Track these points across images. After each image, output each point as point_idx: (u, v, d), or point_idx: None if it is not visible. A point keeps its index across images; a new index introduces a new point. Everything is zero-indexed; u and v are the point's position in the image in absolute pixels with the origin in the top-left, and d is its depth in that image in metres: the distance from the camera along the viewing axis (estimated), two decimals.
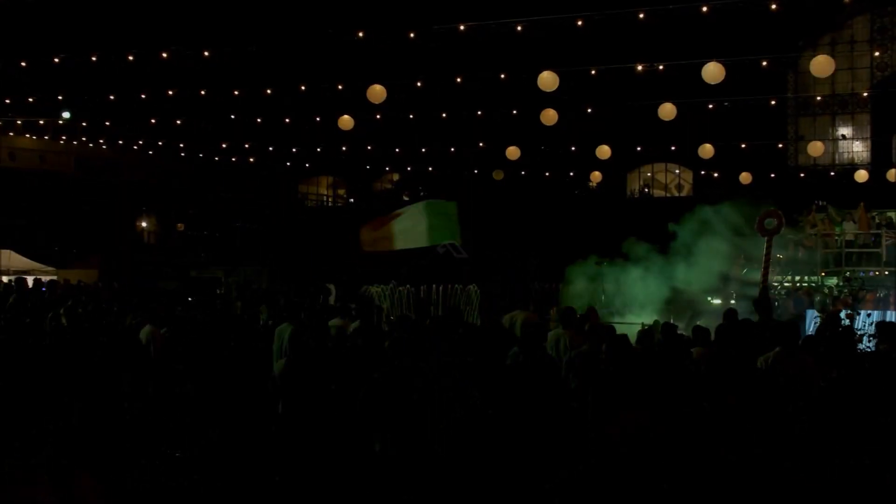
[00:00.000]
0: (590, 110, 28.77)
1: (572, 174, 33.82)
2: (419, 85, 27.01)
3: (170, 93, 26.89)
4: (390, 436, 6.62)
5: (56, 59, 24.36)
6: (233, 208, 42.60)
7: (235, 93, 27.82)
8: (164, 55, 24.35)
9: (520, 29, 23.98)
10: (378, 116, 27.25)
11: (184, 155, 36.40)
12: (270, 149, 33.47)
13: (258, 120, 30.15)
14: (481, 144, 31.77)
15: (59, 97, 28.32)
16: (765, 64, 24.95)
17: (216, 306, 15.09)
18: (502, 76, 26.42)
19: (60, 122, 32.07)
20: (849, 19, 34.12)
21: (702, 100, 26.28)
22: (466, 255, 17.51)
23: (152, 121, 29.90)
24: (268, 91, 27.83)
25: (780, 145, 33.23)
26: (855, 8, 33.46)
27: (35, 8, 27.51)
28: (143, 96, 27.41)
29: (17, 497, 7.21)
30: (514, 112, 28.50)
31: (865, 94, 33.16)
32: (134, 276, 30.03)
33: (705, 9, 21.36)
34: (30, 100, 27.42)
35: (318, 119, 28.49)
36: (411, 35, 24.33)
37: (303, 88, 27.30)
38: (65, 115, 31.08)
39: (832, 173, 32.67)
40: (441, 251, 16.37)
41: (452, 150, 32.57)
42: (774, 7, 21.25)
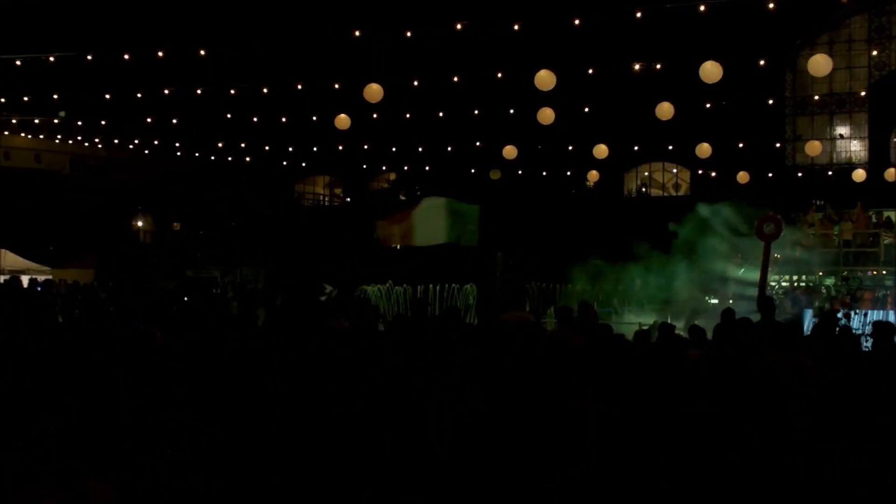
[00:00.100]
0: (587, 110, 28.75)
1: (569, 174, 33.77)
2: (416, 84, 26.96)
3: (165, 92, 26.83)
4: (389, 435, 6.60)
5: (51, 58, 24.31)
6: (229, 208, 42.49)
7: (232, 92, 27.76)
8: (160, 54, 24.31)
9: (517, 28, 23.95)
10: (375, 116, 27.21)
11: (180, 154, 36.34)
12: (267, 148, 33.40)
13: (254, 119, 30.09)
14: (478, 144, 31.72)
15: (55, 96, 28.22)
16: (762, 63, 24.92)
17: (213, 306, 15.03)
18: (499, 75, 26.39)
19: (56, 121, 32.00)
20: (846, 19, 34.13)
21: (699, 99, 26.29)
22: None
23: (148, 120, 29.82)
24: (264, 90, 27.78)
25: (777, 145, 33.22)
26: (853, 7, 33.47)
27: (30, 6, 27.46)
28: (139, 95, 27.32)
29: (18, 497, 7.11)
30: (511, 111, 28.48)
31: (863, 93, 33.16)
32: (131, 275, 29.92)
33: (703, 8, 21.32)
34: (25, 99, 27.35)
35: (314, 118, 28.43)
36: (408, 34, 24.31)
37: (299, 87, 27.24)
38: (60, 114, 31.02)
39: (830, 173, 32.64)
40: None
41: (449, 149, 32.52)
42: (772, 6, 21.20)
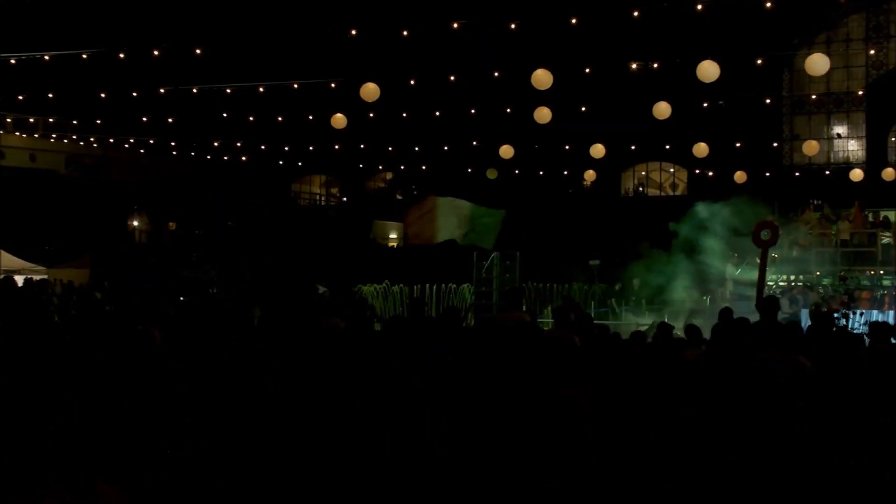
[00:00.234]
0: (584, 109, 28.69)
1: (566, 173, 33.73)
2: (412, 83, 26.89)
3: (161, 91, 26.75)
4: (389, 435, 6.60)
5: (46, 57, 24.22)
6: (225, 207, 42.40)
7: (228, 91, 27.69)
8: (156, 53, 24.24)
9: (514, 27, 23.90)
10: (371, 115, 27.14)
11: (175, 154, 36.24)
12: (263, 147, 33.31)
13: (250, 118, 29.99)
14: (475, 143, 31.66)
15: (50, 95, 28.12)
16: (760, 62, 24.86)
17: (210, 306, 14.99)
18: (496, 74, 26.33)
19: (51, 120, 31.90)
20: (844, 17, 34.09)
21: (697, 98, 26.25)
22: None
23: (143, 119, 29.74)
24: (260, 89, 27.70)
25: (775, 144, 33.17)
26: (850, 6, 33.45)
27: (25, 5, 27.35)
28: (134, 94, 27.23)
29: (18, 497, 7.13)
30: (508, 110, 28.41)
31: (861, 92, 33.15)
32: (128, 275, 29.79)
33: (700, 7, 21.29)
34: (20, 98, 27.24)
35: (310, 117, 28.33)
36: (405, 33, 24.25)
37: (295, 86, 27.17)
38: (55, 113, 30.94)
39: (827, 172, 32.57)
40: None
41: (446, 148, 32.45)
42: (769, 5, 21.20)
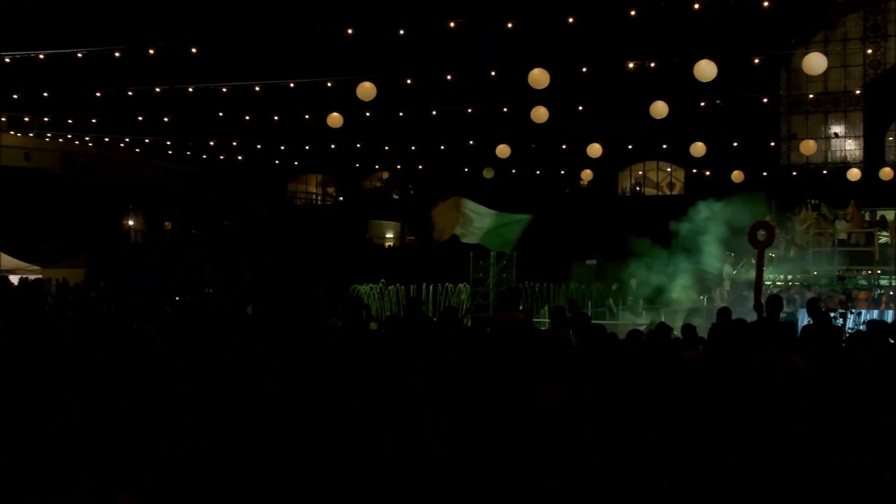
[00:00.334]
0: (581, 108, 28.64)
1: (563, 172, 33.67)
2: (409, 82, 26.82)
3: (157, 90, 26.65)
4: (390, 435, 6.60)
5: (41, 56, 24.11)
6: (221, 207, 42.31)
7: (224, 90, 27.59)
8: (151, 52, 24.14)
9: (510, 26, 23.83)
10: (368, 114, 27.05)
11: (171, 153, 36.14)
12: (259, 146, 33.22)
13: (246, 117, 29.89)
14: (471, 142, 31.58)
15: (45, 94, 28.01)
16: (757, 61, 24.81)
17: (207, 306, 15.00)
18: (493, 73, 26.26)
19: (46, 119, 31.77)
20: (841, 17, 34.08)
21: (694, 98, 26.20)
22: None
23: (139, 118, 29.62)
24: (256, 88, 27.60)
25: (772, 143, 33.15)
26: (848, 5, 33.44)
27: (20, 4, 27.23)
28: (130, 93, 27.13)
29: (18, 497, 7.16)
30: (505, 110, 28.34)
31: (858, 91, 33.14)
32: (124, 275, 29.66)
33: (697, 6, 21.24)
34: (14, 97, 27.13)
35: (307, 116, 28.25)
36: (401, 32, 24.18)
37: (291, 85, 27.08)
38: (50, 112, 30.82)
39: (825, 171, 32.58)
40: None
41: (443, 147, 32.39)
42: (767, 4, 21.15)
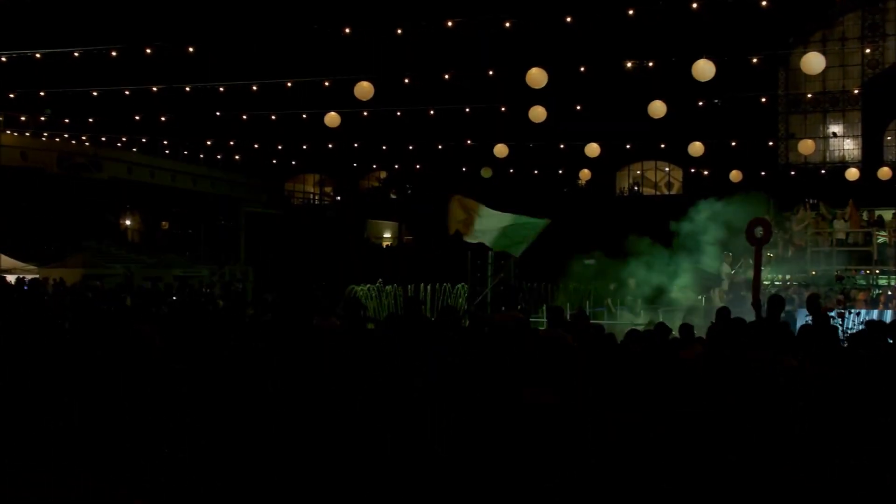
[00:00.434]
0: (579, 108, 28.59)
1: (561, 172, 33.61)
2: (407, 81, 26.75)
3: (154, 89, 26.57)
4: (390, 435, 6.58)
5: (38, 55, 24.03)
6: (217, 206, 42.24)
7: (221, 89, 27.50)
8: (148, 51, 24.07)
9: (508, 25, 23.78)
10: (365, 113, 26.98)
11: (168, 152, 36.08)
12: (256, 146, 33.15)
13: (244, 117, 29.82)
14: (469, 142, 31.52)
15: (41, 93, 27.92)
16: (755, 61, 24.79)
17: (203, 306, 14.94)
18: (490, 72, 26.20)
19: (42, 118, 31.67)
20: (840, 16, 34.06)
21: (692, 97, 26.15)
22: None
23: (136, 117, 29.53)
24: (254, 87, 27.53)
25: (770, 143, 33.13)
26: (846, 5, 33.43)
27: (17, 2, 27.15)
28: (127, 92, 27.05)
29: (18, 497, 7.16)
30: (503, 109, 28.29)
31: (856, 91, 33.13)
32: (129, 275, 29.58)
33: (696, 5, 21.21)
34: (10, 95, 27.03)
35: (304, 116, 28.18)
36: (399, 31, 24.12)
37: (289, 85, 27.00)
38: (47, 111, 30.73)
39: (823, 171, 32.59)
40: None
41: (440, 147, 32.32)
42: (765, 3, 21.13)
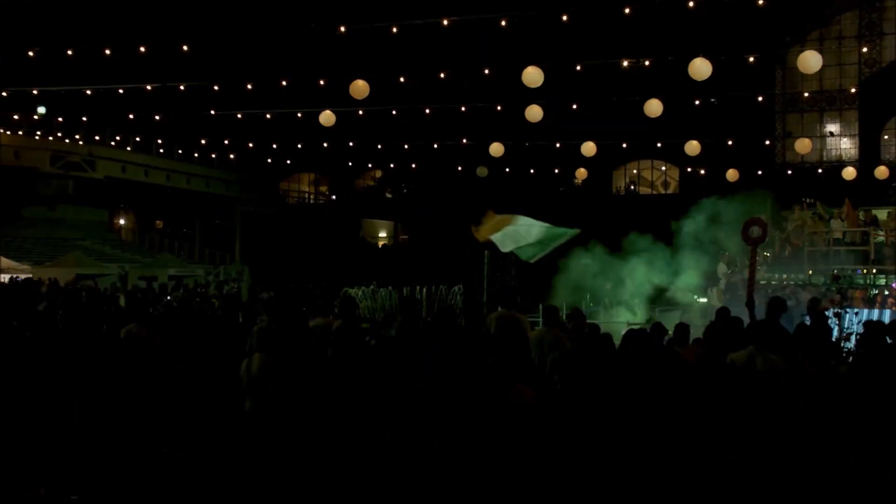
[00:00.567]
0: (575, 106, 28.51)
1: (557, 171, 33.55)
2: (402, 80, 26.66)
3: (148, 87, 26.46)
4: (390, 435, 6.52)
5: (31, 53, 23.91)
6: (212, 205, 42.16)
7: (215, 88, 27.39)
8: (142, 49, 23.96)
9: (504, 24, 23.70)
10: (360, 112, 26.88)
11: (162, 151, 35.96)
12: (251, 145, 33.04)
13: (238, 115, 29.70)
14: (464, 141, 31.42)
15: (35, 92, 27.80)
16: (752, 60, 24.73)
17: (200, 308, 14.90)
18: (486, 71, 26.12)
19: (35, 117, 31.54)
20: (837, 15, 34.04)
21: (689, 96, 26.10)
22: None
23: (129, 116, 29.41)
24: (248, 86, 27.43)
25: (767, 142, 33.11)
26: (843, 3, 33.41)
27: (8, 1, 27.02)
28: (121, 91, 26.94)
29: (18, 497, 7.15)
30: (499, 108, 28.21)
31: (853, 90, 33.10)
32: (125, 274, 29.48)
33: (692, 4, 21.14)
34: (3, 94, 26.91)
35: (299, 115, 28.07)
36: (394, 30, 24.02)
37: (284, 83, 26.90)
38: (40, 110, 30.60)
39: (820, 170, 32.56)
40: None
41: (436, 146, 32.23)
42: (762, 2, 21.07)
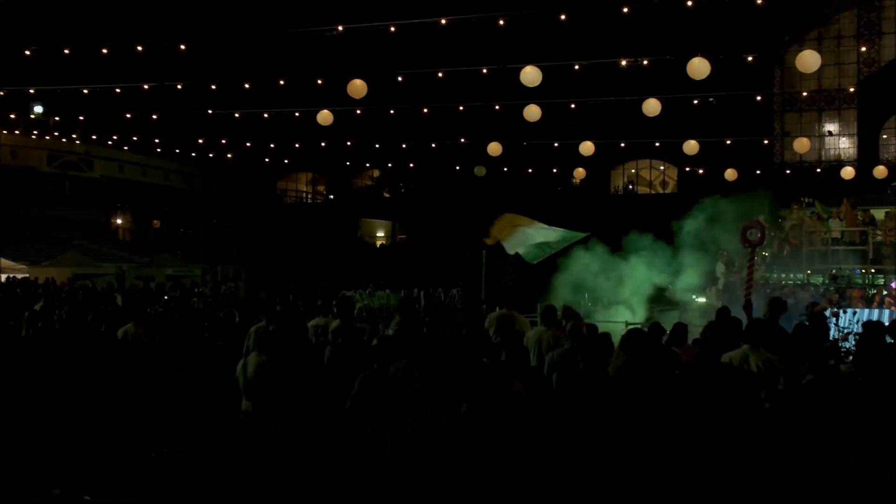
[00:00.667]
0: (573, 106, 28.49)
1: (555, 171, 33.50)
2: (400, 80, 26.64)
3: (145, 87, 26.43)
4: (391, 435, 6.48)
5: (28, 52, 23.86)
6: (209, 205, 42.07)
7: (213, 87, 27.36)
8: (140, 48, 23.92)
9: (502, 23, 23.68)
10: (358, 112, 26.85)
11: (159, 151, 35.90)
12: (248, 144, 32.98)
13: (236, 115, 29.65)
14: (462, 140, 31.38)
15: (31, 91, 27.75)
16: (751, 59, 24.75)
17: (195, 305, 14.84)
18: (484, 71, 26.10)
19: (32, 116, 31.46)
20: (835, 14, 34.00)
21: (687, 95, 26.07)
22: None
23: (127, 115, 29.35)
24: (246, 85, 27.39)
25: (766, 141, 33.09)
26: (841, 3, 33.39)
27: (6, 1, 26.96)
28: (118, 90, 26.90)
29: (18, 497, 7.09)
30: (497, 107, 28.18)
31: (852, 89, 33.07)
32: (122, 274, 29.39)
33: (691, 3, 21.13)
34: (0, 93, 26.84)
35: (296, 114, 28.02)
36: (392, 29, 24.00)
37: (281, 83, 26.87)
38: (36, 109, 30.52)
39: (818, 170, 32.52)
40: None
41: (434, 145, 32.19)
42: (761, 2, 21.08)
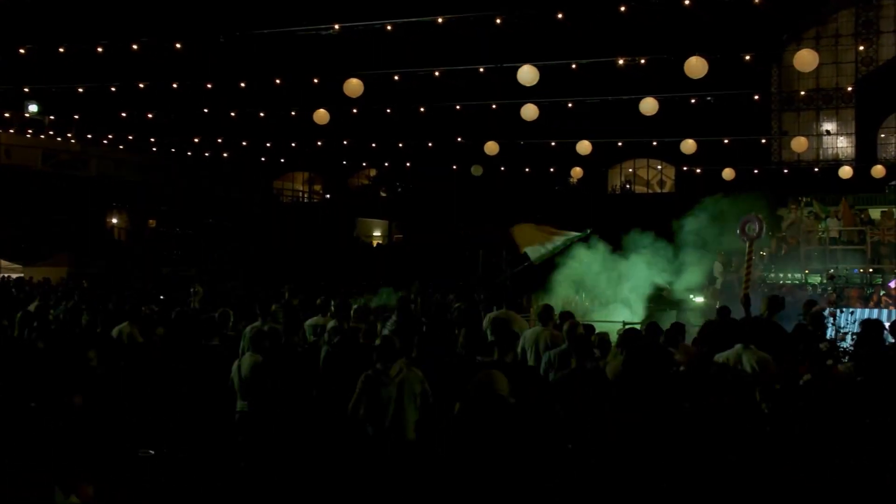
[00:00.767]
0: (570, 105, 28.45)
1: (553, 170, 33.44)
2: (396, 79, 26.58)
3: (140, 85, 26.36)
4: (392, 435, 6.47)
5: (22, 51, 23.76)
6: (206, 205, 41.98)
7: (208, 86, 27.29)
8: (135, 47, 23.86)
9: (499, 22, 23.64)
10: (355, 111, 26.77)
11: (155, 150, 35.81)
12: (244, 143, 32.90)
13: (232, 114, 29.57)
14: (459, 139, 31.31)
15: (26, 90, 27.66)
16: (748, 58, 24.69)
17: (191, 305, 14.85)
18: (481, 70, 26.05)
19: (27, 115, 31.39)
20: (833, 13, 33.99)
21: (684, 94, 26.04)
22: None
23: (122, 114, 29.27)
24: (242, 84, 27.30)
25: (763, 141, 33.06)
26: (840, 2, 33.39)
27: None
28: (113, 89, 26.81)
29: (18, 497, 7.11)
30: (494, 106, 28.12)
31: (850, 88, 33.05)
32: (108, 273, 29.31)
33: (688, 2, 21.09)
34: None
35: (293, 113, 27.94)
36: (388, 28, 23.94)
37: (277, 82, 26.79)
38: (31, 108, 30.46)
39: (816, 169, 32.49)
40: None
41: (430, 144, 32.13)
42: (758, 1, 21.01)
